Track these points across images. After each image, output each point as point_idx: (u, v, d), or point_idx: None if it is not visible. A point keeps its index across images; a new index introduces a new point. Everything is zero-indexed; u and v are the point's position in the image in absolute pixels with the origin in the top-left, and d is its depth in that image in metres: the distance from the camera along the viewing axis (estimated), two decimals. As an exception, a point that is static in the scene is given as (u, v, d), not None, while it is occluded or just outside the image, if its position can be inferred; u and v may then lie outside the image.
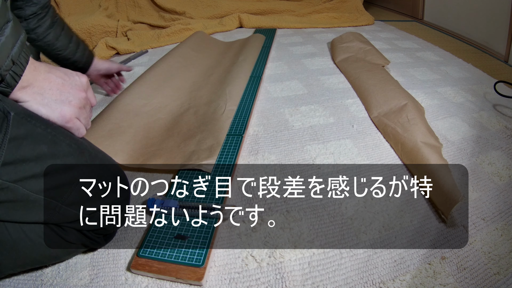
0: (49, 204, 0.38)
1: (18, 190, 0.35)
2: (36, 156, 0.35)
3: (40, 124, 0.36)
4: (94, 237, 0.44)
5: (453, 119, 0.79)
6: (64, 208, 0.39)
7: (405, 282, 0.43)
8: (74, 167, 0.39)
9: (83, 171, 0.40)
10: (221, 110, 0.75)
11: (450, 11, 1.63)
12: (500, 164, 0.65)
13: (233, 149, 0.65)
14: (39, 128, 0.36)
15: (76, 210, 0.40)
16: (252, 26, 1.58)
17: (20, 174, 0.34)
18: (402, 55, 1.22)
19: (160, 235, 0.47)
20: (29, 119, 0.36)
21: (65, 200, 0.39)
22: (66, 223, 0.40)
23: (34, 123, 0.36)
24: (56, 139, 0.38)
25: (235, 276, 0.44)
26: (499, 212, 0.54)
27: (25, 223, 0.38)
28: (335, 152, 0.67)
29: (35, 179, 0.36)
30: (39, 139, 0.36)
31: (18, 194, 0.35)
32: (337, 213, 0.53)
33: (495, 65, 1.19)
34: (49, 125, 0.37)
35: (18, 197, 0.35)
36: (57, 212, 0.39)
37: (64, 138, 0.39)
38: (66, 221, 0.40)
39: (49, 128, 0.37)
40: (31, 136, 0.35)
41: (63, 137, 0.39)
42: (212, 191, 0.55)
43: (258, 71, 1.01)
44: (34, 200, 0.36)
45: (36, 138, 0.36)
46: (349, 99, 0.87)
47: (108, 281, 0.43)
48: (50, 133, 0.37)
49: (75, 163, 0.39)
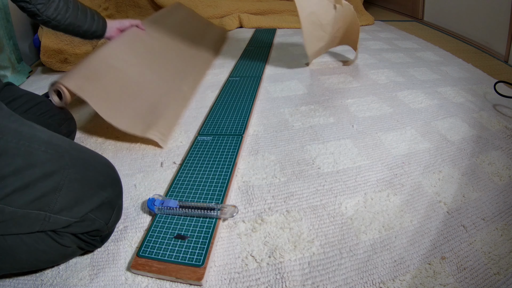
0: (38, 216, 0.38)
1: (3, 210, 0.35)
2: (13, 170, 0.35)
3: (12, 139, 0.37)
4: (89, 239, 0.44)
5: (453, 119, 0.79)
6: (54, 217, 0.39)
7: (405, 282, 0.43)
8: (54, 172, 0.39)
9: (64, 174, 0.40)
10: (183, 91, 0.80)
11: (450, 11, 1.63)
12: (500, 164, 0.65)
13: (233, 149, 0.65)
14: (12, 143, 0.36)
15: (66, 217, 0.40)
16: (252, 26, 1.58)
17: (1, 192, 0.34)
18: (402, 55, 1.22)
19: (160, 235, 0.47)
20: (1, 135, 0.36)
21: (53, 209, 0.38)
22: (60, 229, 0.40)
23: (6, 139, 0.36)
24: (30, 149, 0.38)
25: (235, 276, 0.44)
26: (499, 212, 0.54)
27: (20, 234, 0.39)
28: (335, 152, 0.67)
29: (17, 193, 0.36)
30: (13, 153, 0.36)
31: (5, 213, 0.35)
32: (337, 213, 0.53)
33: (495, 65, 1.19)
34: (22, 137, 0.37)
35: (6, 216, 0.35)
36: (47, 222, 0.39)
37: (39, 145, 0.39)
38: (59, 227, 0.40)
39: (22, 140, 0.37)
40: (4, 153, 0.35)
41: (38, 145, 0.39)
42: (212, 191, 0.55)
43: (258, 71, 1.01)
44: (22, 215, 0.36)
45: (10, 153, 0.36)
46: (349, 99, 0.87)
47: (108, 281, 0.43)
48: (23, 145, 0.37)
49: (55, 168, 0.39)
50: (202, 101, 0.87)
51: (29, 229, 0.38)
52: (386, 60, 1.16)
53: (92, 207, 0.42)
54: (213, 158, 0.62)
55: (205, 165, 0.61)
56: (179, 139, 0.72)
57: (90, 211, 0.42)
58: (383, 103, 0.86)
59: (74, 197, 0.40)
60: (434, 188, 0.58)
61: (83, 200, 0.41)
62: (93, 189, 0.42)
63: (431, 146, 0.69)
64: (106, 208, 0.44)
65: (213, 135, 0.70)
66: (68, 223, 0.40)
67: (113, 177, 0.47)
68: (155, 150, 0.68)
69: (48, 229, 0.39)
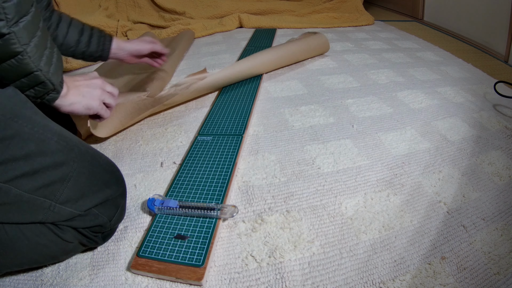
0: (43, 203, 0.38)
1: (10, 191, 0.35)
2: (24, 155, 0.36)
3: (27, 124, 0.37)
4: (91, 235, 0.44)
5: (453, 119, 0.79)
6: (59, 207, 0.39)
7: (405, 282, 0.43)
8: (64, 163, 0.39)
9: (73, 167, 0.40)
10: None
11: (450, 11, 1.63)
12: (500, 164, 0.65)
13: (233, 149, 0.65)
14: (26, 128, 0.37)
15: (71, 208, 0.40)
16: (252, 26, 1.58)
17: (10, 174, 0.35)
18: (402, 55, 1.22)
19: (160, 235, 0.47)
20: (16, 119, 0.36)
21: (59, 198, 0.39)
22: (63, 221, 0.40)
23: (21, 123, 0.36)
24: (44, 137, 0.38)
25: (235, 276, 0.44)
26: (499, 212, 0.54)
27: (21, 224, 0.39)
28: (335, 152, 0.67)
29: (25, 178, 0.36)
30: (26, 138, 0.36)
31: (11, 195, 0.35)
32: (337, 213, 0.53)
33: (495, 65, 1.19)
34: (36, 124, 0.38)
35: (11, 198, 0.36)
36: (51, 211, 0.39)
37: (52, 135, 0.39)
38: (62, 219, 0.40)
39: (36, 127, 0.38)
40: (18, 135, 0.36)
41: (51, 134, 0.39)
42: (212, 191, 0.55)
43: (258, 71, 1.01)
44: (27, 200, 0.37)
45: (24, 137, 0.36)
46: (349, 99, 0.87)
47: (108, 281, 0.43)
48: (38, 132, 0.38)
49: (65, 160, 0.40)
50: (202, 101, 0.87)
51: (32, 217, 0.38)
52: (386, 60, 1.16)
53: (97, 203, 0.42)
54: (213, 158, 0.62)
55: (205, 165, 0.61)
56: (179, 139, 0.72)
57: (94, 206, 0.42)
58: (383, 103, 0.86)
59: (80, 190, 0.41)
60: (434, 188, 0.58)
61: (88, 195, 0.42)
62: (99, 185, 0.43)
63: (431, 146, 0.69)
64: (109, 205, 0.45)
65: (213, 135, 0.70)
66: (72, 215, 0.40)
67: (118, 176, 0.47)
68: (155, 150, 0.68)
69: (50, 220, 0.40)
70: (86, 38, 0.68)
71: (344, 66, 1.09)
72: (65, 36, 0.66)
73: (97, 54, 0.71)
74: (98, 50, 0.71)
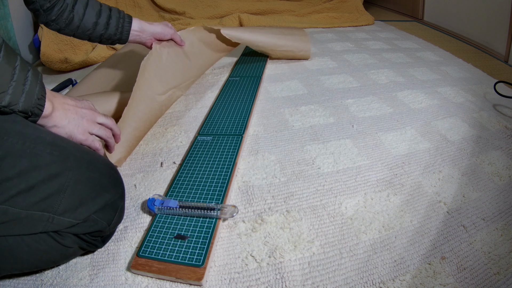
0: (42, 217, 0.38)
1: (7, 211, 0.35)
2: (18, 173, 0.35)
3: (17, 140, 0.37)
4: (91, 240, 0.44)
5: (453, 119, 0.79)
6: (57, 218, 0.39)
7: (405, 282, 0.43)
8: (59, 174, 0.39)
9: (69, 176, 0.40)
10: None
11: (450, 11, 1.63)
12: (500, 164, 0.65)
13: (233, 149, 0.65)
14: (17, 145, 0.36)
15: (70, 218, 0.40)
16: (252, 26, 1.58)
17: (5, 195, 0.34)
18: (402, 55, 1.22)
19: (160, 235, 0.47)
20: (6, 137, 0.36)
21: (57, 210, 0.38)
22: (63, 229, 0.40)
23: (11, 141, 0.36)
24: (36, 151, 0.38)
25: (235, 276, 0.44)
26: (499, 212, 0.54)
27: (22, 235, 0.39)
28: (335, 152, 0.67)
29: (21, 195, 0.36)
30: (18, 155, 0.36)
31: (9, 214, 0.35)
32: (337, 213, 0.53)
33: (495, 65, 1.19)
34: (27, 139, 0.37)
35: (10, 217, 0.35)
36: (50, 223, 0.39)
37: (45, 147, 0.39)
38: (61, 228, 0.40)
39: (27, 142, 0.37)
40: (9, 155, 0.35)
41: (44, 147, 0.39)
42: (212, 191, 0.55)
43: (258, 71, 1.01)
44: (26, 216, 0.36)
45: (16, 155, 0.36)
46: (349, 99, 0.87)
47: (108, 281, 0.43)
48: (29, 147, 0.37)
49: (60, 170, 0.39)
50: (202, 101, 0.87)
51: (32, 230, 0.38)
52: (386, 60, 1.16)
53: (95, 209, 0.42)
54: (213, 158, 0.62)
55: (205, 165, 0.61)
56: (179, 139, 0.72)
57: (94, 213, 0.42)
58: (383, 103, 0.86)
59: (78, 199, 0.40)
60: (434, 188, 0.58)
61: (87, 202, 0.41)
62: (97, 191, 0.42)
63: (431, 146, 0.69)
64: (108, 210, 0.44)
65: (213, 135, 0.70)
66: (71, 224, 0.40)
67: (116, 178, 0.47)
68: (155, 150, 0.68)
69: (50, 230, 0.39)
70: (104, 20, 0.63)
71: (344, 66, 1.09)
72: (82, 18, 0.61)
73: (115, 37, 0.66)
74: (117, 32, 0.65)
